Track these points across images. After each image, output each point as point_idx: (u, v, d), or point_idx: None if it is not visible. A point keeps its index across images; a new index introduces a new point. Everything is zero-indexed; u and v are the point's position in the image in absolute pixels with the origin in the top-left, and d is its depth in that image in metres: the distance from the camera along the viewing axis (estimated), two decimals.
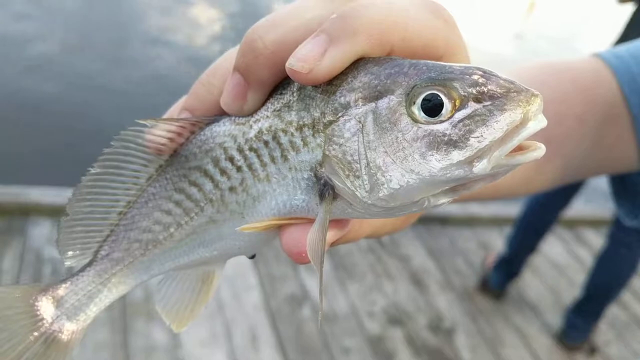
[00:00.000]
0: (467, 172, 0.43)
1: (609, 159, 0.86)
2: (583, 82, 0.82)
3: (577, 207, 4.15)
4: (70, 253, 0.55)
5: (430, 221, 4.18)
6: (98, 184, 0.53)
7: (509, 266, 3.63)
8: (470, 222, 4.32)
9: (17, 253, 2.99)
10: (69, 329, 0.56)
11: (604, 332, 3.60)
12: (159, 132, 0.52)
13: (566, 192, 3.40)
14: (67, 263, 0.55)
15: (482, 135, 0.42)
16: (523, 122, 0.42)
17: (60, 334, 0.55)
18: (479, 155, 0.42)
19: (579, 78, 0.83)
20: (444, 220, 4.25)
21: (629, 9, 3.37)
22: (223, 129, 0.52)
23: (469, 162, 0.43)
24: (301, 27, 0.47)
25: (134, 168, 0.54)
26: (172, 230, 0.55)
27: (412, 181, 0.44)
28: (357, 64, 0.47)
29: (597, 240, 4.36)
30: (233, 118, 0.52)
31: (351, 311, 3.30)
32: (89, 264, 0.56)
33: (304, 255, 0.47)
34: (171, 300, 0.59)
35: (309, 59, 0.44)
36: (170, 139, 0.53)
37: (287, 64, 0.44)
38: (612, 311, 3.61)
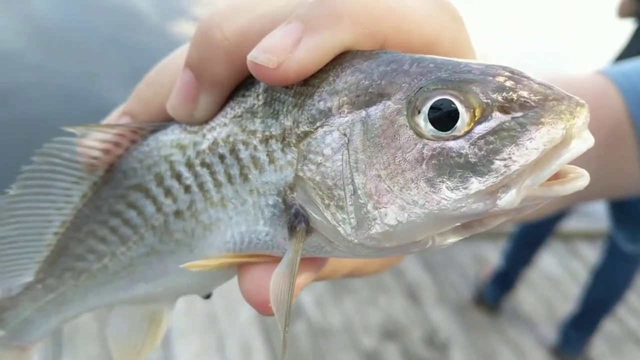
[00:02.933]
0: (489, 206, 0.32)
1: (615, 182, 0.80)
2: (587, 101, 0.76)
3: (572, 221, 4.14)
4: (7, 274, 0.48)
5: None
6: (21, 206, 0.45)
7: (504, 280, 3.62)
8: None
9: None
10: (13, 351, 0.52)
11: (598, 347, 3.58)
12: (91, 143, 0.43)
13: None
14: (6, 285, 0.49)
15: (510, 158, 0.32)
16: (565, 142, 0.32)
17: (5, 357, 0.51)
18: (505, 184, 0.32)
19: (583, 96, 0.76)
20: None
21: (617, 24, 3.42)
22: (170, 139, 0.42)
23: (492, 192, 0.32)
24: (270, 14, 0.37)
25: (63, 186, 0.44)
26: (105, 261, 0.46)
27: (414, 216, 0.33)
28: (342, 59, 0.36)
29: (591, 253, 4.35)
30: (184, 125, 0.42)
31: (346, 325, 3.28)
32: (27, 287, 0.48)
33: (269, 305, 0.37)
34: (119, 335, 0.50)
35: (277, 51, 0.34)
36: (106, 151, 0.43)
37: (248, 57, 0.35)
38: (607, 325, 3.59)
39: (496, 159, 0.32)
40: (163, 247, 0.44)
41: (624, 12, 3.31)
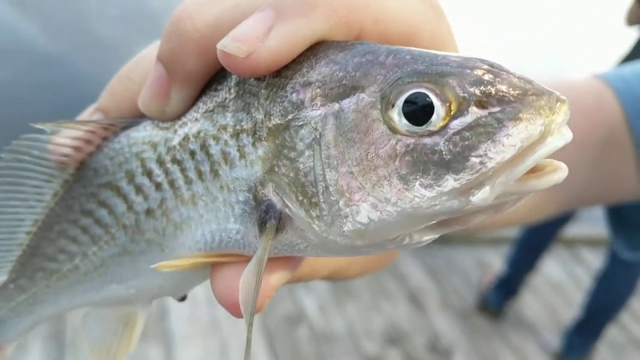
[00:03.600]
0: (463, 204, 0.32)
1: (611, 187, 0.79)
2: (584, 105, 0.74)
3: (575, 227, 4.13)
4: None
5: None
6: None
7: (507, 285, 3.61)
8: (468, 241, 4.30)
9: None
10: None
11: (602, 353, 3.57)
12: (62, 140, 0.42)
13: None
14: None
15: (486, 155, 0.31)
16: (541, 138, 0.31)
17: None
18: (480, 182, 0.31)
19: (580, 100, 0.74)
20: (441, 239, 4.21)
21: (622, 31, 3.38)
22: (142, 135, 0.41)
23: (466, 190, 0.31)
24: (243, 5, 0.35)
25: (34, 184, 0.44)
26: (76, 261, 0.45)
27: (386, 214, 0.32)
28: (316, 49, 0.35)
29: (595, 259, 4.33)
30: (156, 122, 0.41)
31: (348, 331, 3.27)
32: (1, 287, 0.48)
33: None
34: (94, 338, 0.49)
35: (248, 39, 0.33)
36: (76, 148, 0.42)
37: (218, 45, 0.33)
38: (611, 332, 3.57)
39: (472, 156, 0.31)
40: (134, 247, 0.43)
41: (632, 20, 3.27)
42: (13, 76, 4.86)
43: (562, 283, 4.18)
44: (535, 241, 3.52)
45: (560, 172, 0.32)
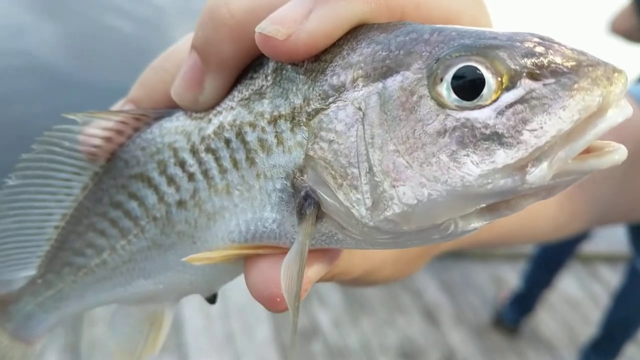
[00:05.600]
0: (518, 182, 0.30)
1: (636, 204, 0.78)
2: None
3: (593, 243, 4.09)
4: (8, 268, 0.46)
5: (443, 255, 4.13)
6: (21, 197, 0.43)
7: (524, 302, 3.57)
8: (483, 256, 4.27)
9: None
10: (19, 344, 0.51)
11: None
12: (93, 131, 0.41)
13: None
14: (7, 277, 0.47)
15: (541, 128, 0.29)
16: (600, 111, 0.29)
17: (12, 350, 0.50)
18: (535, 157, 0.29)
19: None
20: (457, 254, 4.20)
21: None
22: (175, 125, 0.40)
23: (521, 167, 0.30)
24: None
25: (63, 177, 0.43)
26: (104, 255, 0.44)
27: (436, 194, 0.31)
28: (357, 32, 0.34)
29: (612, 276, 4.28)
30: (190, 112, 0.40)
31: (363, 346, 3.25)
32: (30, 282, 0.48)
33: (278, 300, 0.35)
34: (120, 337, 0.48)
35: (287, 22, 0.32)
36: (107, 139, 0.42)
37: (256, 29, 0.33)
38: (629, 350, 3.52)
39: (526, 130, 0.29)
40: (164, 240, 0.41)
41: (620, 28, 2.63)
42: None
43: (578, 300, 4.13)
44: (552, 257, 3.48)
45: (620, 152, 0.30)
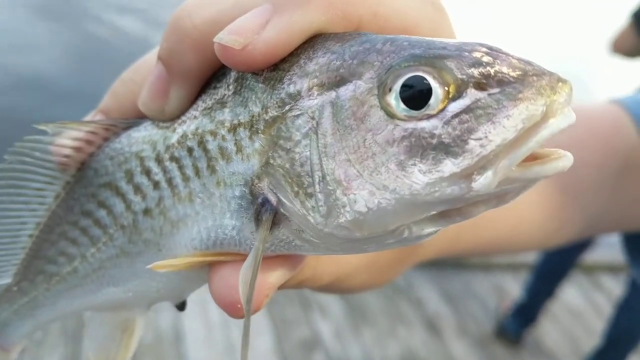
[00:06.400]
0: (464, 190, 0.31)
1: (629, 214, 0.79)
2: (601, 129, 0.75)
3: (595, 253, 4.08)
4: None
5: (445, 265, 4.13)
6: None
7: (526, 312, 3.56)
8: (486, 266, 4.26)
9: None
10: None
11: None
12: (64, 141, 0.42)
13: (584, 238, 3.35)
14: None
15: (486, 137, 0.30)
16: (543, 119, 0.30)
17: None
18: (481, 166, 0.30)
19: (597, 125, 0.75)
20: (459, 265, 4.19)
21: None
22: (142, 135, 0.41)
23: (467, 175, 0.30)
24: (242, 3, 0.35)
25: (36, 187, 0.44)
26: (75, 263, 0.45)
27: (385, 202, 0.32)
28: (314, 42, 0.35)
29: (615, 286, 4.27)
30: (157, 121, 0.41)
31: (364, 356, 3.24)
32: (5, 289, 0.48)
33: (239, 306, 0.36)
34: (94, 343, 0.48)
35: (244, 32, 0.33)
36: (77, 149, 0.42)
37: (215, 39, 0.33)
38: None
39: (471, 139, 0.30)
40: (132, 248, 0.42)
41: (622, 48, 2.70)
42: None
43: (581, 310, 4.11)
44: (554, 268, 3.48)
45: (565, 159, 0.31)
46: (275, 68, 0.35)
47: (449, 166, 0.30)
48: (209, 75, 0.39)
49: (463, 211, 0.33)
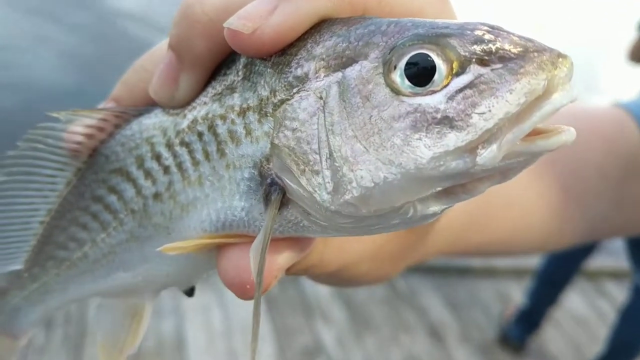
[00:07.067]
0: (469, 164, 0.31)
1: (632, 218, 0.79)
2: (604, 132, 0.75)
3: (599, 259, 4.07)
4: None
5: (448, 271, 4.12)
6: (7, 194, 0.45)
7: (529, 319, 3.55)
8: (489, 273, 4.25)
9: None
10: (4, 339, 0.52)
11: None
12: (76, 128, 0.43)
13: (587, 243, 3.34)
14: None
15: (489, 111, 0.31)
16: (545, 94, 0.31)
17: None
18: (485, 139, 0.31)
19: (600, 127, 0.76)
20: (462, 271, 4.18)
21: None
22: (153, 121, 0.42)
23: (472, 149, 0.31)
24: None
25: (48, 173, 0.44)
26: (86, 249, 0.46)
27: (391, 177, 0.32)
28: (320, 26, 0.36)
29: (619, 293, 4.25)
30: (167, 108, 0.42)
31: None
32: (16, 275, 0.49)
33: (248, 287, 0.36)
34: (103, 329, 0.49)
35: (253, 17, 0.34)
36: (89, 136, 0.43)
37: (224, 24, 0.35)
38: None
39: (475, 113, 0.31)
40: (142, 232, 0.43)
41: (636, 56, 3.05)
42: None
43: (585, 317, 4.10)
44: (558, 274, 3.46)
45: (568, 133, 0.31)
46: (283, 53, 0.36)
47: (454, 140, 0.31)
48: (219, 62, 0.40)
49: (468, 187, 0.33)
